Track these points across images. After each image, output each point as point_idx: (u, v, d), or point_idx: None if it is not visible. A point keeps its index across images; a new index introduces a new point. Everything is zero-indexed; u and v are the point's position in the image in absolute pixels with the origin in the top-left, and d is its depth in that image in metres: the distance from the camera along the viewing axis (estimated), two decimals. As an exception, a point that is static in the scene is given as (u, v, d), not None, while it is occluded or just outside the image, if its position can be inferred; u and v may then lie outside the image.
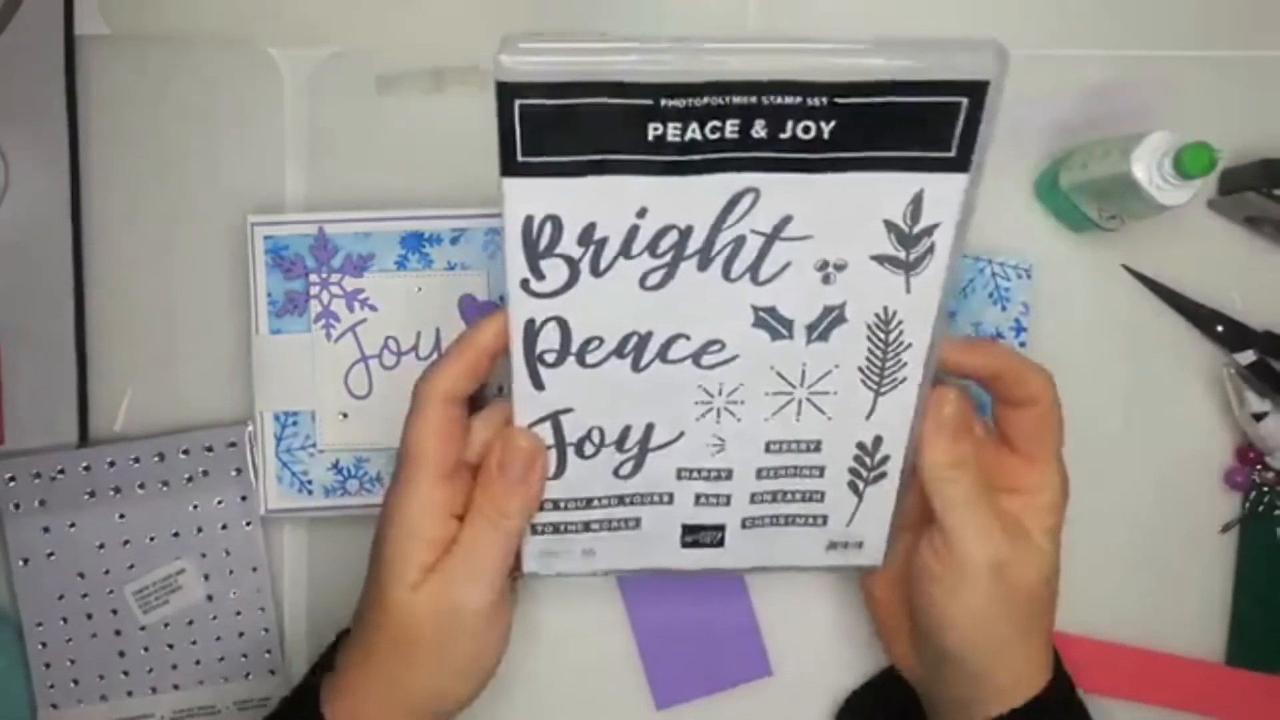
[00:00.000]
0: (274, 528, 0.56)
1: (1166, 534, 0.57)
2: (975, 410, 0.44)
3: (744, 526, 0.44)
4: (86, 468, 0.55)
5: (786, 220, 0.37)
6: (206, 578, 0.55)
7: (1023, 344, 0.55)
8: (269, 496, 0.55)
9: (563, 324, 0.39)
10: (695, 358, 0.40)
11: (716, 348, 0.40)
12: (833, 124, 0.34)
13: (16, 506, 0.55)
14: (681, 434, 0.42)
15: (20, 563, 0.55)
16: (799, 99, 0.34)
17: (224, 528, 0.55)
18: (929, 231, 0.37)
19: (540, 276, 0.38)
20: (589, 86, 0.33)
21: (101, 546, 0.55)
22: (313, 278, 0.54)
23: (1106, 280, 0.57)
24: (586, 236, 0.37)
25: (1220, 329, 0.56)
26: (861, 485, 0.43)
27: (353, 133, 0.57)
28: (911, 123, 0.35)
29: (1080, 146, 0.54)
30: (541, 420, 0.41)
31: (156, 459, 0.55)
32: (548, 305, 0.38)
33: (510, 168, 0.35)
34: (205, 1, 0.57)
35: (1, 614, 0.56)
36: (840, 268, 0.38)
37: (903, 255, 0.38)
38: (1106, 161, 0.50)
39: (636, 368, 0.40)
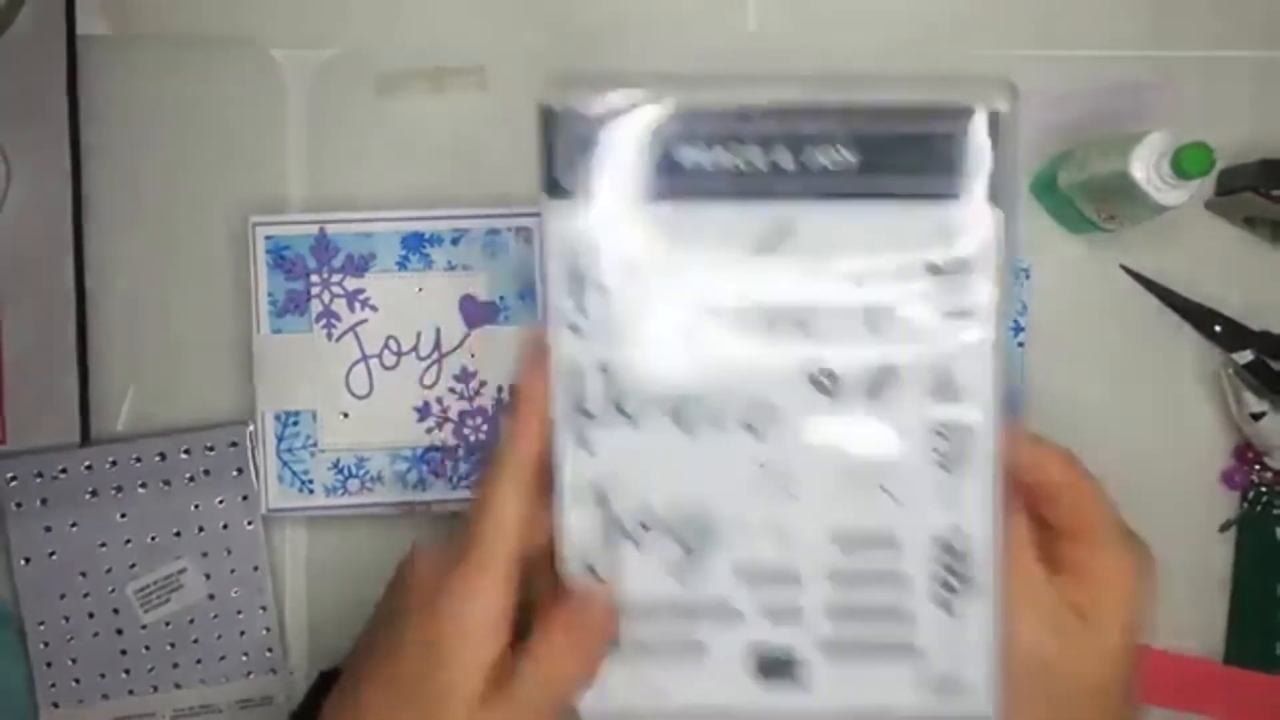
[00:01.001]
0: (275, 527, 0.56)
1: (1165, 534, 0.57)
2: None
3: (824, 654, 0.39)
4: (88, 467, 0.55)
5: (825, 258, 0.37)
6: (208, 577, 0.56)
7: (1021, 344, 0.55)
8: (270, 496, 0.55)
9: (605, 369, 0.38)
10: (745, 421, 0.39)
11: (767, 410, 0.39)
12: (856, 152, 0.36)
13: (18, 506, 0.55)
14: (738, 518, 0.39)
15: (22, 562, 0.55)
16: (818, 126, 0.36)
17: (225, 527, 0.55)
18: (966, 267, 0.37)
19: (583, 313, 0.38)
20: (624, 114, 0.36)
21: (103, 545, 0.55)
22: (314, 278, 0.54)
23: (1104, 280, 0.57)
24: (627, 268, 0.37)
25: (1218, 329, 0.56)
26: (951, 598, 0.38)
27: (353, 133, 0.57)
28: (930, 153, 0.36)
29: (1079, 146, 0.54)
30: (585, 490, 0.39)
31: (158, 458, 0.55)
32: (589, 347, 0.38)
33: (554, 190, 0.37)
34: (207, 3, 0.57)
35: (3, 613, 0.56)
36: (886, 312, 0.38)
37: (945, 300, 0.37)
38: (1105, 162, 0.50)
39: (683, 427, 0.39)
